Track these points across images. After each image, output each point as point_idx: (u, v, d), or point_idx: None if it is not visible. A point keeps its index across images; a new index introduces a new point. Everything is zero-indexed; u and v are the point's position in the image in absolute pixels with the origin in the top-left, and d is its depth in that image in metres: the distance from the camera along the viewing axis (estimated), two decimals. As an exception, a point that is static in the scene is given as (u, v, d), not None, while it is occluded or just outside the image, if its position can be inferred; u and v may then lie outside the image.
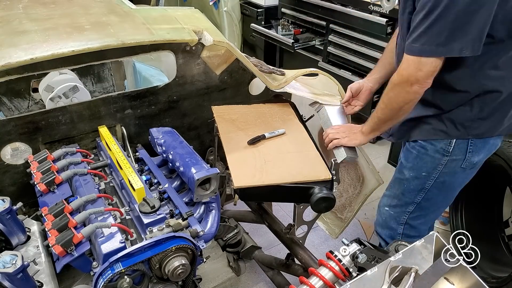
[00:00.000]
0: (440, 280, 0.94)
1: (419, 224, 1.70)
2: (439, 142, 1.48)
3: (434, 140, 1.49)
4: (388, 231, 1.74)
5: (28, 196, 1.53)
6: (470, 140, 1.45)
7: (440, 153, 1.49)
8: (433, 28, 1.20)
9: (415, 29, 1.24)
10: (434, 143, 1.49)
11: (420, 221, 1.70)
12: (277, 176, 1.46)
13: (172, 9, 1.95)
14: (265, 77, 1.78)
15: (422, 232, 1.72)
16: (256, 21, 4.15)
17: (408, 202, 1.64)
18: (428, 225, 1.74)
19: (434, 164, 1.51)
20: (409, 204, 1.64)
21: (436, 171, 1.52)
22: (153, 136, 1.65)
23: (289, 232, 1.82)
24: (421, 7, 1.21)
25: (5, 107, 2.32)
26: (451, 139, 1.46)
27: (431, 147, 1.50)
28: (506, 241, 2.29)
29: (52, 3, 1.82)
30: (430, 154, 1.51)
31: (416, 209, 1.64)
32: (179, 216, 1.33)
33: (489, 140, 1.47)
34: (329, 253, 1.06)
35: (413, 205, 1.63)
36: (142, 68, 2.42)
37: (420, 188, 1.58)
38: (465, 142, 1.45)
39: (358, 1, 3.16)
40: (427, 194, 1.59)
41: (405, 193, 1.62)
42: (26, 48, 1.40)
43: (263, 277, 2.26)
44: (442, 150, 1.48)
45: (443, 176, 1.53)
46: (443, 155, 1.49)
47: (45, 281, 1.16)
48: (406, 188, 1.61)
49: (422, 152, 1.53)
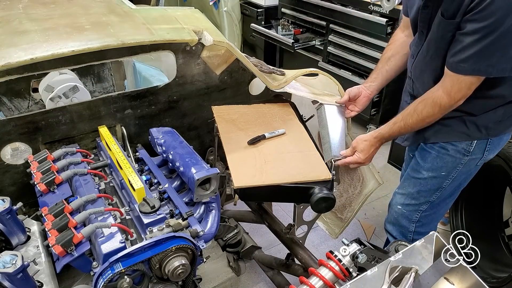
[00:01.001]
0: (440, 280, 0.94)
1: (430, 221, 1.73)
2: (460, 142, 1.50)
3: (455, 140, 1.51)
4: (399, 229, 1.77)
5: (28, 196, 1.53)
6: (489, 139, 1.49)
7: (461, 153, 1.52)
8: (487, 51, 1.22)
9: (464, 50, 1.26)
10: (455, 143, 1.51)
11: (432, 218, 1.73)
12: (277, 176, 1.46)
13: (172, 9, 1.95)
14: (265, 77, 1.78)
15: (432, 228, 1.75)
16: (256, 21, 4.15)
17: (423, 201, 1.66)
18: (438, 220, 1.78)
19: (455, 164, 1.54)
20: (423, 204, 1.66)
21: (455, 170, 1.55)
22: (153, 136, 1.65)
23: (289, 232, 1.82)
24: (473, 31, 1.22)
25: (5, 107, 2.31)
26: (473, 140, 1.49)
27: (452, 147, 1.52)
28: (506, 241, 2.29)
29: (52, 3, 1.82)
30: (451, 154, 1.53)
31: (429, 207, 1.67)
32: (179, 216, 1.33)
33: (503, 137, 1.53)
34: (329, 253, 1.06)
35: (427, 204, 1.66)
36: (142, 68, 2.42)
37: (437, 188, 1.61)
38: (485, 142, 1.50)
39: (358, 1, 3.17)
40: (442, 193, 1.62)
41: (421, 193, 1.65)
42: (26, 48, 1.40)
43: (263, 277, 2.26)
44: (463, 150, 1.51)
45: (460, 175, 1.57)
46: (464, 155, 1.52)
47: (45, 281, 1.16)
48: (423, 188, 1.63)
49: (443, 153, 1.55)
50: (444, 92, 1.35)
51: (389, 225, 1.80)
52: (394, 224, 1.77)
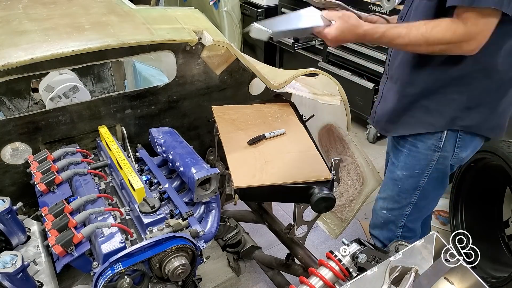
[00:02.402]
0: (440, 280, 0.94)
1: (416, 224, 1.71)
2: (429, 138, 1.47)
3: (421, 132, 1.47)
4: (387, 233, 1.73)
5: (28, 196, 1.53)
6: (459, 134, 1.44)
7: (432, 149, 1.48)
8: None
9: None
10: (424, 140, 1.48)
11: (417, 222, 1.71)
12: (277, 176, 1.46)
13: (172, 9, 1.95)
14: (265, 77, 1.78)
15: (418, 231, 1.73)
16: (256, 21, 4.15)
17: (404, 204, 1.62)
18: (421, 222, 1.75)
19: (427, 161, 1.50)
20: (406, 206, 1.63)
21: (429, 168, 1.51)
22: (153, 136, 1.65)
23: (289, 232, 1.82)
24: None
25: (5, 107, 2.32)
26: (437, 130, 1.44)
27: (422, 144, 1.49)
28: (506, 241, 2.29)
29: (52, 3, 1.82)
30: (421, 151, 1.50)
31: (413, 210, 1.63)
32: (179, 216, 1.33)
33: (476, 137, 1.46)
34: (329, 253, 1.06)
35: (410, 206, 1.62)
36: (142, 68, 2.42)
37: (415, 187, 1.57)
38: (454, 136, 1.44)
39: (358, 1, 3.16)
40: (422, 193, 1.58)
41: (401, 194, 1.61)
42: (26, 48, 1.40)
43: (263, 277, 2.26)
44: (433, 146, 1.48)
45: (436, 172, 1.53)
46: (434, 151, 1.48)
47: (45, 281, 1.16)
48: (401, 189, 1.60)
49: (414, 150, 1.52)
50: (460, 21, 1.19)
51: (376, 229, 1.76)
52: (381, 228, 1.73)
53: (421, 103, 1.45)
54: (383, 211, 1.69)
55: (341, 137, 1.97)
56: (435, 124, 1.44)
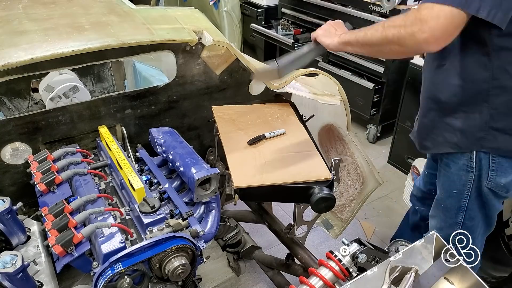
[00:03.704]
0: (440, 280, 0.94)
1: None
2: (460, 158, 1.41)
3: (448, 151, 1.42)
4: None
5: (28, 196, 1.53)
6: (491, 156, 1.34)
7: (464, 170, 1.41)
8: None
9: None
10: (455, 160, 1.43)
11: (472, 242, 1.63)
12: (277, 176, 1.46)
13: (172, 9, 1.95)
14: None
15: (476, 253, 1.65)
16: (256, 21, 4.15)
17: (451, 223, 1.54)
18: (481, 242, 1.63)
19: (462, 181, 1.43)
20: (454, 225, 1.53)
21: (466, 188, 1.44)
22: (153, 136, 1.65)
23: (289, 232, 1.82)
24: None
25: (5, 107, 2.31)
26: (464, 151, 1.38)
27: (453, 164, 1.44)
28: (506, 241, 2.29)
29: (52, 3, 1.82)
30: (454, 172, 1.45)
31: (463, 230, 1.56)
32: (179, 216, 1.33)
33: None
34: (329, 253, 1.06)
35: (458, 226, 1.53)
36: (142, 68, 2.42)
37: (457, 206, 1.49)
38: (486, 158, 1.36)
39: (358, 1, 3.16)
40: (468, 213, 1.49)
41: (445, 212, 1.55)
42: (26, 48, 1.40)
43: (263, 277, 2.26)
44: (465, 167, 1.41)
45: (478, 192, 1.43)
46: (467, 171, 1.41)
47: (45, 281, 1.16)
48: (444, 208, 1.54)
49: (447, 170, 1.48)
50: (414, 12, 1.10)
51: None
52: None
53: (444, 121, 1.40)
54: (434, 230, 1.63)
55: (341, 137, 1.97)
56: (459, 144, 1.38)
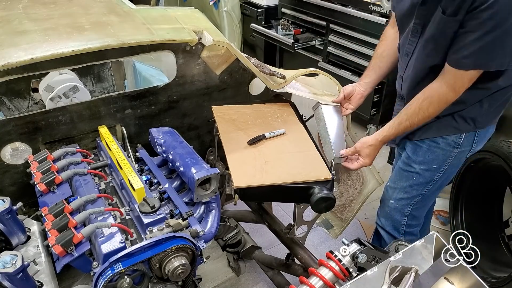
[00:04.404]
0: (440, 280, 0.94)
1: (421, 212, 1.78)
2: (450, 135, 1.55)
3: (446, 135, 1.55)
4: (392, 222, 1.80)
5: (28, 196, 1.53)
6: (477, 131, 1.54)
7: (452, 145, 1.56)
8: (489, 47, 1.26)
9: (467, 47, 1.28)
10: (446, 137, 1.55)
11: (422, 210, 1.77)
12: (277, 176, 1.46)
13: (172, 9, 1.95)
14: (265, 77, 1.78)
15: (421, 220, 1.81)
16: (256, 21, 4.15)
17: (415, 195, 1.69)
18: (426, 211, 1.83)
19: (445, 157, 1.58)
20: (415, 197, 1.70)
21: (446, 163, 1.60)
22: (153, 136, 1.65)
23: (289, 232, 1.82)
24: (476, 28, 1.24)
25: (5, 107, 2.31)
26: (462, 133, 1.53)
27: (443, 140, 1.56)
28: (506, 241, 2.29)
29: (52, 3, 1.82)
30: (441, 147, 1.57)
31: (420, 200, 1.70)
32: (179, 216, 1.33)
33: (488, 128, 1.57)
34: (329, 253, 1.06)
35: (419, 197, 1.70)
36: (142, 68, 2.41)
37: (429, 180, 1.65)
38: (473, 134, 1.54)
39: (358, 1, 3.16)
40: (433, 185, 1.66)
41: (414, 186, 1.68)
42: (26, 48, 1.40)
43: (263, 277, 2.26)
44: (453, 143, 1.56)
45: (451, 167, 1.61)
46: (454, 147, 1.56)
47: (45, 281, 1.16)
48: (415, 182, 1.67)
49: (434, 146, 1.58)
50: (449, 88, 1.38)
51: (382, 219, 1.84)
52: (387, 218, 1.81)
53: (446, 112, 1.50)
54: (391, 201, 1.76)
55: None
56: (459, 128, 1.53)
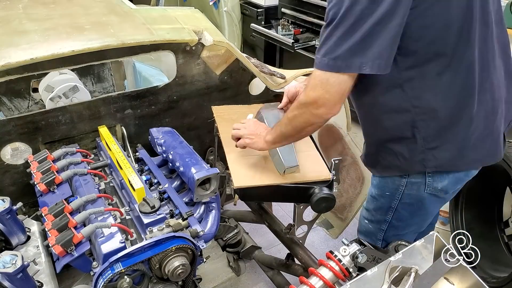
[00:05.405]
0: (440, 280, 0.94)
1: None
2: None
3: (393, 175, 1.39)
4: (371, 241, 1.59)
5: (28, 196, 1.53)
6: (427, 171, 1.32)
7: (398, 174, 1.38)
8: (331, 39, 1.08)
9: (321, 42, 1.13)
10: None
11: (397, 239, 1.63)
12: (277, 176, 1.46)
13: (172, 9, 1.96)
14: (265, 77, 1.78)
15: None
16: (256, 21, 4.15)
17: (380, 219, 1.54)
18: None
19: (395, 185, 1.40)
20: (382, 222, 1.54)
21: (398, 191, 1.40)
22: (153, 136, 1.65)
23: (289, 232, 1.82)
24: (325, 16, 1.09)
25: (5, 107, 2.31)
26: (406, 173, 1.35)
27: None
28: (506, 241, 2.29)
29: (52, 3, 1.82)
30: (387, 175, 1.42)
31: (389, 228, 1.54)
32: (179, 216, 1.33)
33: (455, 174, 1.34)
34: (329, 253, 1.06)
35: (386, 224, 1.53)
36: (142, 68, 2.41)
37: (387, 207, 1.47)
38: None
39: (358, 1, 3.16)
40: (396, 214, 1.47)
41: (376, 210, 1.54)
42: (26, 48, 1.40)
43: (263, 277, 2.26)
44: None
45: (408, 197, 1.40)
46: (400, 176, 1.37)
47: (45, 281, 1.16)
48: (376, 206, 1.52)
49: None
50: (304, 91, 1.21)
51: (362, 235, 1.68)
52: (366, 236, 1.66)
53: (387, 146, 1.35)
54: (365, 221, 1.63)
55: (341, 137, 1.97)
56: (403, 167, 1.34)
